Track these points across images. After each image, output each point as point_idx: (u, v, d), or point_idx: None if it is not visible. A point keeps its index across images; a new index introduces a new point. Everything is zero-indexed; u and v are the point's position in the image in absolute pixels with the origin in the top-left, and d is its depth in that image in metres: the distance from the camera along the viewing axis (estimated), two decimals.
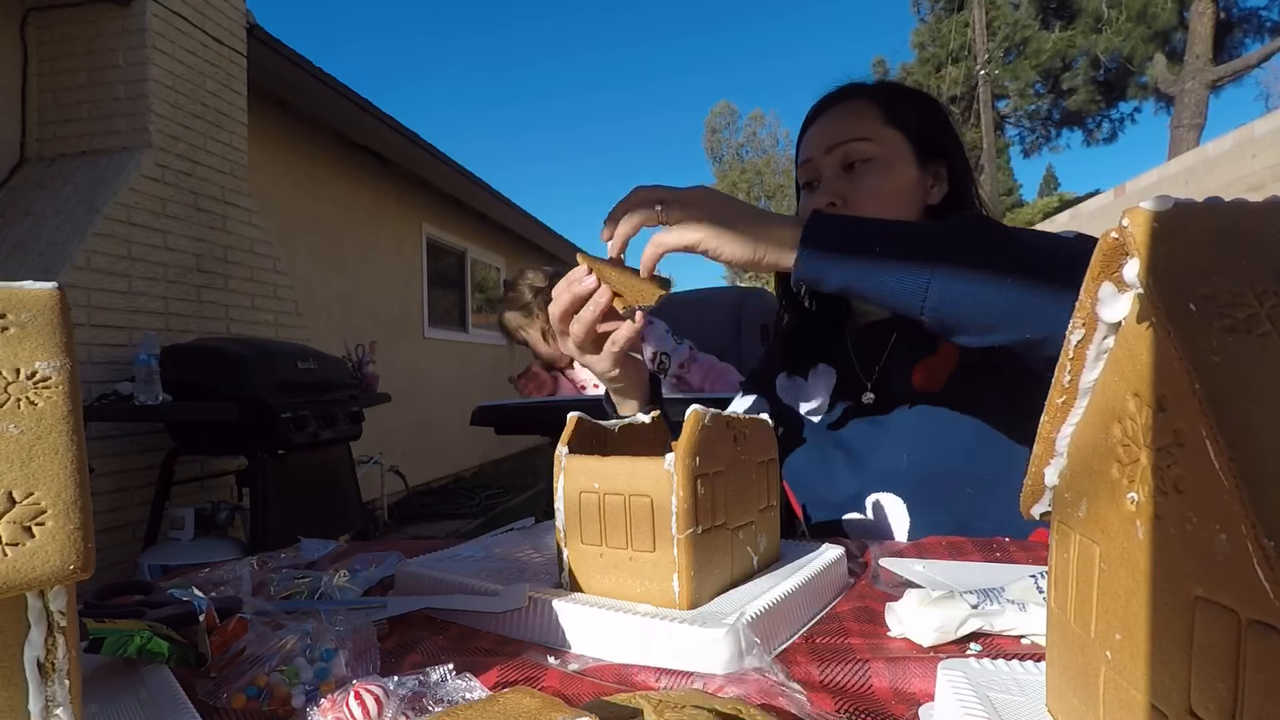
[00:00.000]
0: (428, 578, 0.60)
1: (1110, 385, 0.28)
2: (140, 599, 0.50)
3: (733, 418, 0.55)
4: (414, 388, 5.63)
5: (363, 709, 0.37)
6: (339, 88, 4.13)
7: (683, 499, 0.48)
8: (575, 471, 0.53)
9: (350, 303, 4.94)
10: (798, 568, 0.57)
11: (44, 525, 0.29)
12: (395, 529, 4.78)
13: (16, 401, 0.31)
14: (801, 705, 0.38)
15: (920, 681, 0.41)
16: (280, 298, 3.66)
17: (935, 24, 21.13)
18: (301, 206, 4.52)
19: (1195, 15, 14.09)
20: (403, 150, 5.14)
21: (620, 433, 0.62)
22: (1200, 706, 0.22)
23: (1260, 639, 0.20)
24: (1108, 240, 0.26)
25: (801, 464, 0.92)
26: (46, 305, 0.35)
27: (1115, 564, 0.27)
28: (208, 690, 0.43)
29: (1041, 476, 0.33)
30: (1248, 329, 0.22)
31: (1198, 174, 6.31)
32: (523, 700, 0.36)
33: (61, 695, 0.30)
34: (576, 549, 0.53)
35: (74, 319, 0.36)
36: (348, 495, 3.21)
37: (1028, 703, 0.35)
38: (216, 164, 3.29)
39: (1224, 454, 0.21)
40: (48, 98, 2.99)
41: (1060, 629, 0.32)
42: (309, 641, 0.46)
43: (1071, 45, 18.36)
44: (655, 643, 0.46)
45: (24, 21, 2.93)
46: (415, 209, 6.03)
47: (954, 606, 0.47)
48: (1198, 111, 14.01)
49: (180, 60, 3.08)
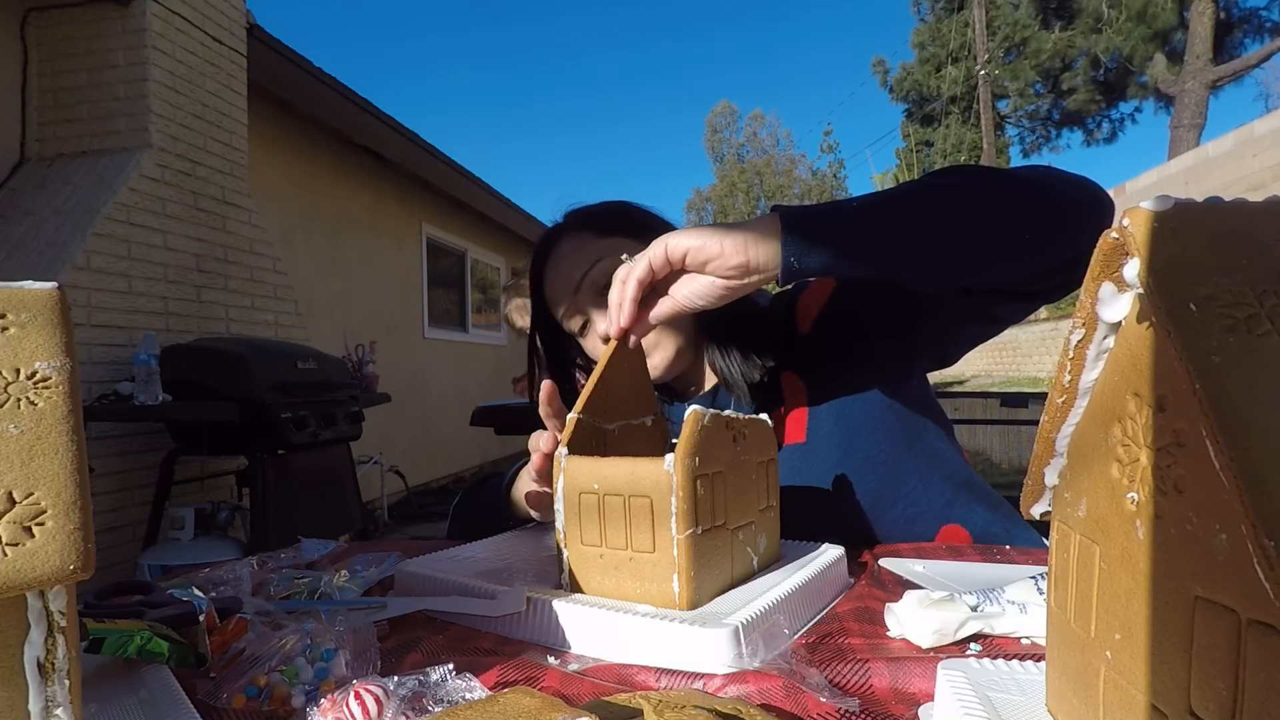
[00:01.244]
0: (427, 578, 0.60)
1: (1110, 385, 0.28)
2: (140, 599, 0.50)
3: (732, 418, 0.55)
4: (414, 388, 5.62)
5: (363, 709, 0.37)
6: (339, 88, 4.13)
7: (682, 499, 0.48)
8: (575, 472, 0.53)
9: (350, 303, 4.94)
10: (798, 568, 0.57)
11: (44, 525, 0.29)
12: (395, 529, 4.77)
13: (16, 401, 0.31)
14: (819, 690, 0.38)
15: (920, 682, 0.41)
16: (280, 298, 3.66)
17: (935, 24, 21.13)
18: (301, 207, 4.51)
19: (1195, 15, 14.10)
20: (403, 150, 5.14)
21: (620, 433, 0.62)
22: (1200, 706, 0.22)
23: (1260, 639, 0.20)
24: (1108, 240, 0.26)
25: None
26: (46, 305, 0.35)
27: (1115, 564, 0.27)
28: (208, 690, 0.43)
29: (1041, 476, 0.33)
30: (1248, 329, 0.22)
31: (1198, 174, 6.31)
32: (523, 700, 0.36)
33: (61, 695, 0.30)
34: (576, 550, 0.53)
35: (74, 319, 0.36)
36: (348, 495, 3.21)
37: (1028, 702, 0.35)
38: (216, 164, 3.29)
39: (1224, 454, 0.21)
40: (48, 98, 2.98)
41: (1060, 629, 0.32)
42: (309, 641, 0.46)
43: (1071, 45, 18.36)
44: (655, 643, 0.46)
45: (24, 21, 2.93)
46: (415, 209, 6.03)
47: (953, 609, 0.47)
48: (1198, 111, 14.01)
49: (180, 60, 3.08)
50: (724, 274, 0.60)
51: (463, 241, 7.05)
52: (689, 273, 0.62)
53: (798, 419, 0.81)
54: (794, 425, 0.81)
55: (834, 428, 0.79)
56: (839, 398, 0.80)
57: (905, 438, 0.80)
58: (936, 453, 0.82)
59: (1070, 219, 0.62)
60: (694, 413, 0.51)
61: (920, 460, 0.80)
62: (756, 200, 31.41)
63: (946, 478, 0.81)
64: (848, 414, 0.79)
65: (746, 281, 0.61)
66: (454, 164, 5.59)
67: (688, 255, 0.60)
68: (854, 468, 0.78)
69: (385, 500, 4.97)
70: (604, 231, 0.86)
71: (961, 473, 0.83)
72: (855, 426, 0.79)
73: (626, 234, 0.85)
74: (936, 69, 21.03)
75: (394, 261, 5.71)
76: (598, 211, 0.91)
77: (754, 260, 0.59)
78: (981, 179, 0.64)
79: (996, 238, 0.61)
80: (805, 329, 0.83)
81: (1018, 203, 0.62)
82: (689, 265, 0.61)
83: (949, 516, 0.80)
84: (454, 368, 6.63)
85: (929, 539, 0.78)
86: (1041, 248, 0.62)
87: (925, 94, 21.86)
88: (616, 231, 0.86)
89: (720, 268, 0.60)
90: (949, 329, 0.77)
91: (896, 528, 0.79)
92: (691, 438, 0.50)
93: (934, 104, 21.52)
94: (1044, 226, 0.61)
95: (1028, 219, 0.62)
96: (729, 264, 0.59)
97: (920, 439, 0.81)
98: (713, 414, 0.52)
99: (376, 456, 4.68)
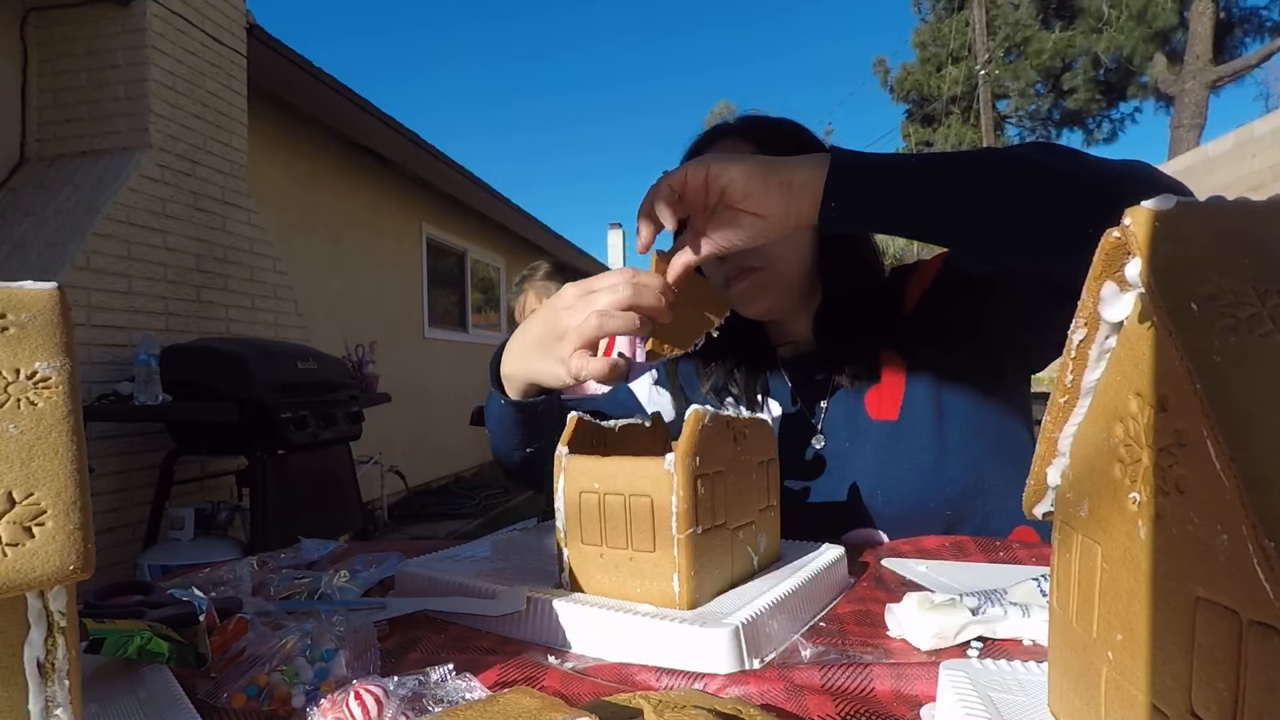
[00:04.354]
0: (427, 578, 0.60)
1: (1112, 385, 0.28)
2: (140, 599, 0.50)
3: (733, 418, 0.55)
4: (414, 388, 5.62)
5: (363, 709, 0.37)
6: (339, 88, 4.13)
7: (683, 499, 0.48)
8: (575, 472, 0.53)
9: (350, 303, 4.94)
10: (798, 568, 0.57)
11: (44, 525, 0.29)
12: (395, 529, 4.78)
13: (16, 401, 0.31)
14: (820, 690, 0.38)
15: (922, 683, 0.41)
16: (280, 298, 3.66)
17: (936, 23, 21.12)
18: (301, 206, 4.51)
19: (1195, 15, 14.09)
20: (403, 150, 5.14)
21: (620, 433, 0.62)
22: (1201, 707, 0.22)
23: (1261, 640, 0.20)
24: (1110, 239, 0.26)
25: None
26: (46, 305, 0.35)
27: (1117, 564, 0.27)
28: (208, 690, 0.43)
29: (1044, 476, 0.33)
30: (1250, 329, 0.22)
31: (1198, 174, 6.30)
32: (523, 700, 0.36)
33: (61, 695, 0.30)
34: (577, 549, 0.53)
35: (74, 319, 0.36)
36: (348, 495, 3.21)
37: (1029, 703, 0.35)
38: (216, 164, 3.29)
39: (1225, 454, 0.21)
40: (48, 98, 2.99)
41: (1062, 629, 0.32)
42: (309, 641, 0.46)
43: (1072, 45, 18.36)
44: (655, 643, 0.46)
45: (24, 21, 2.93)
46: (415, 209, 6.03)
47: (953, 613, 0.47)
48: (1198, 111, 14.01)
49: (180, 60, 3.08)
50: (762, 213, 0.58)
51: (463, 241, 7.05)
52: (726, 209, 0.60)
53: (893, 396, 0.80)
54: (889, 402, 0.80)
55: (927, 410, 0.78)
56: (936, 381, 0.79)
57: (997, 433, 0.79)
58: (1025, 453, 0.80)
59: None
60: (694, 413, 0.51)
61: (1008, 457, 0.79)
62: None
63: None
64: (943, 399, 0.78)
65: (785, 225, 0.59)
66: (454, 164, 5.59)
67: (728, 188, 0.58)
68: (944, 453, 0.77)
69: (385, 500, 4.97)
70: (764, 146, 0.83)
71: None
72: (949, 412, 0.78)
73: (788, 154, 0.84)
74: (937, 69, 21.02)
75: (394, 261, 5.71)
76: (767, 125, 0.87)
77: (795, 210, 0.58)
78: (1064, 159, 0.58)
79: (1057, 225, 0.55)
80: (909, 309, 0.83)
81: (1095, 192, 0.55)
82: (727, 197, 0.59)
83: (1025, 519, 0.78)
84: (454, 368, 6.63)
85: (1003, 535, 0.77)
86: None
87: (926, 94, 21.85)
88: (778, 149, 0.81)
89: (758, 206, 0.58)
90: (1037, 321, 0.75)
91: (974, 519, 0.78)
92: (692, 437, 0.50)
93: (934, 104, 21.52)
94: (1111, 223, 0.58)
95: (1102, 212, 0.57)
96: (769, 205, 0.57)
97: (1011, 436, 0.80)
98: (713, 414, 0.52)
99: (376, 456, 4.68)
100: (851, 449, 0.81)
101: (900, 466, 0.78)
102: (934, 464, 0.77)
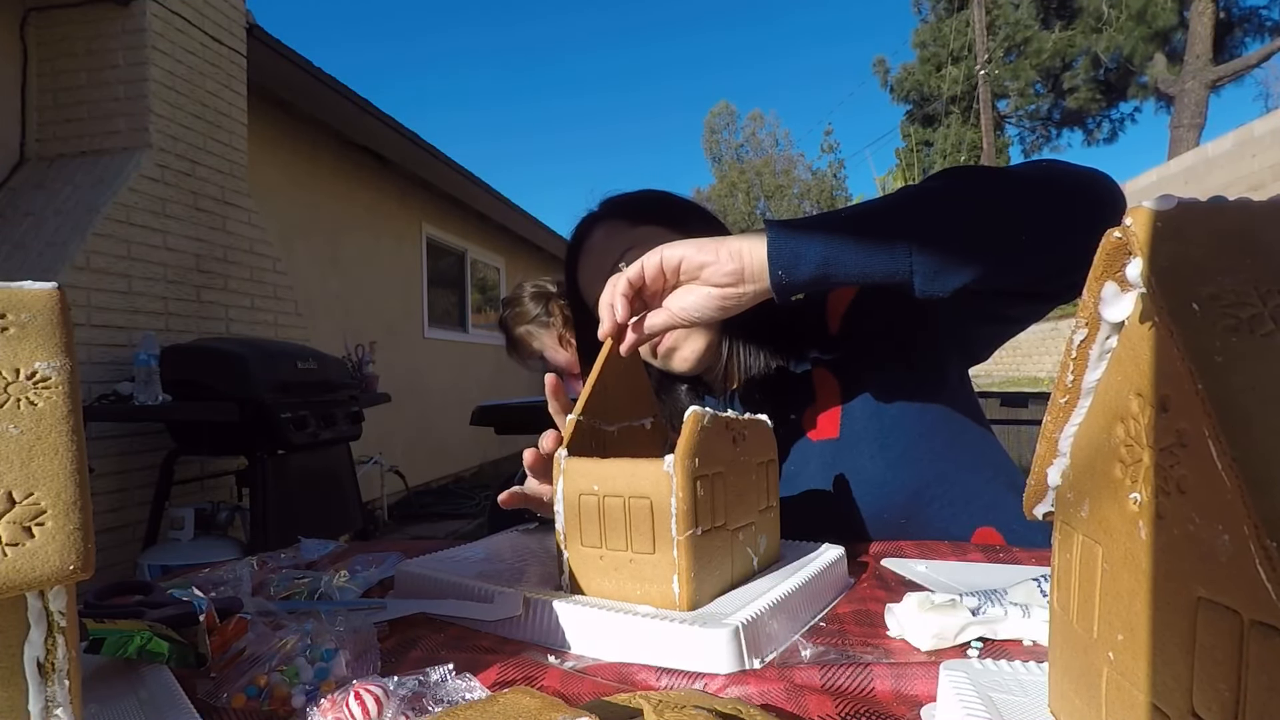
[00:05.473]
0: (427, 578, 0.60)
1: (1113, 385, 0.28)
2: (140, 599, 0.50)
3: (732, 419, 0.55)
4: (414, 388, 5.62)
5: (363, 709, 0.37)
6: (339, 88, 4.13)
7: (682, 500, 0.48)
8: (575, 474, 0.53)
9: (350, 303, 4.94)
10: (798, 568, 0.57)
11: (44, 525, 0.29)
12: (395, 529, 4.77)
13: (16, 401, 0.31)
14: (820, 690, 0.38)
15: (922, 683, 0.41)
16: (280, 298, 3.66)
17: (936, 24, 21.14)
18: (301, 206, 4.51)
19: (1195, 15, 14.10)
20: (403, 150, 5.14)
21: (620, 435, 0.62)
22: (1202, 707, 0.22)
23: (1262, 640, 0.20)
24: (1111, 239, 0.26)
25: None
26: (46, 305, 0.35)
27: (1118, 564, 0.27)
28: (208, 690, 0.43)
29: (1044, 476, 0.33)
30: (1251, 329, 0.22)
31: (1198, 174, 6.31)
32: (522, 700, 0.36)
33: (61, 695, 0.30)
34: (577, 551, 0.53)
35: (74, 319, 0.36)
36: (348, 495, 3.21)
37: (1030, 703, 0.35)
38: (216, 164, 3.29)
39: (1226, 454, 0.21)
40: (48, 98, 2.98)
41: (1063, 629, 0.32)
42: (309, 641, 0.46)
43: (1071, 45, 18.37)
44: (655, 644, 0.46)
45: (24, 21, 2.93)
46: (415, 209, 6.03)
47: (953, 614, 0.47)
48: (1198, 111, 14.01)
49: (180, 60, 3.08)
50: (718, 281, 0.60)
51: (463, 241, 7.05)
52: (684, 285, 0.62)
53: (830, 416, 0.80)
54: (827, 422, 0.81)
55: (868, 424, 0.78)
56: (872, 394, 0.79)
57: (945, 436, 0.79)
58: (978, 454, 0.81)
59: (1070, 218, 0.60)
60: (694, 413, 0.51)
61: (960, 460, 0.79)
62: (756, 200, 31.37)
63: (989, 480, 0.80)
64: (882, 410, 0.78)
65: (741, 290, 0.60)
66: (454, 164, 5.60)
67: (682, 263, 0.60)
68: (889, 464, 0.77)
69: (385, 500, 4.97)
70: (638, 220, 0.85)
71: (1006, 475, 0.81)
72: (890, 423, 0.78)
73: (662, 223, 0.84)
74: (937, 69, 21.03)
75: (394, 261, 5.71)
76: (633, 200, 0.89)
77: (748, 267, 0.59)
78: (977, 180, 0.63)
79: (990, 240, 0.60)
80: (834, 328, 0.83)
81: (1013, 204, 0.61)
82: (683, 273, 0.61)
83: (987, 519, 0.78)
84: (454, 368, 6.63)
85: (964, 539, 0.77)
86: (1038, 249, 0.60)
87: (926, 94, 21.86)
88: (651, 220, 0.85)
89: (714, 274, 0.60)
90: (963, 329, 0.77)
91: (931, 526, 0.78)
92: (691, 438, 0.50)
93: (934, 104, 21.52)
94: (1041, 228, 0.60)
95: (1024, 220, 0.60)
96: (723, 270, 0.59)
97: (960, 439, 0.80)
98: (712, 415, 0.52)
99: (376, 456, 4.68)
100: (795, 470, 0.82)
101: (846, 481, 0.78)
102: (881, 475, 0.77)
